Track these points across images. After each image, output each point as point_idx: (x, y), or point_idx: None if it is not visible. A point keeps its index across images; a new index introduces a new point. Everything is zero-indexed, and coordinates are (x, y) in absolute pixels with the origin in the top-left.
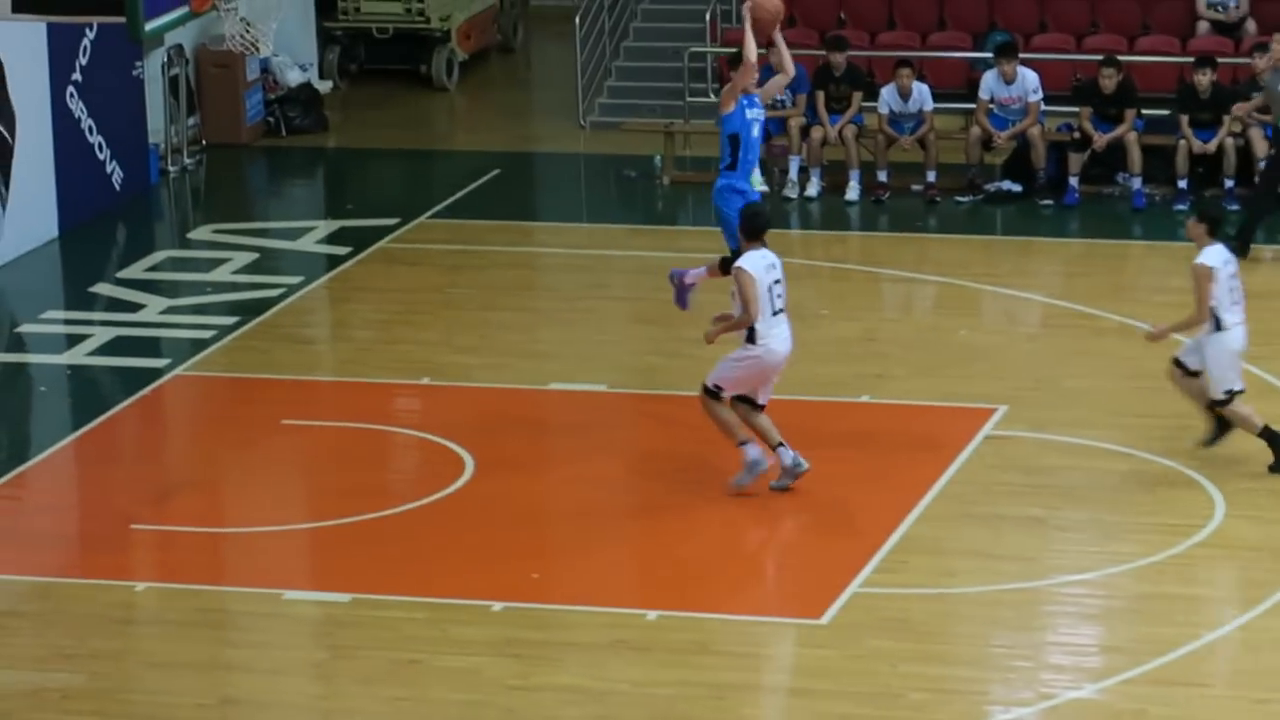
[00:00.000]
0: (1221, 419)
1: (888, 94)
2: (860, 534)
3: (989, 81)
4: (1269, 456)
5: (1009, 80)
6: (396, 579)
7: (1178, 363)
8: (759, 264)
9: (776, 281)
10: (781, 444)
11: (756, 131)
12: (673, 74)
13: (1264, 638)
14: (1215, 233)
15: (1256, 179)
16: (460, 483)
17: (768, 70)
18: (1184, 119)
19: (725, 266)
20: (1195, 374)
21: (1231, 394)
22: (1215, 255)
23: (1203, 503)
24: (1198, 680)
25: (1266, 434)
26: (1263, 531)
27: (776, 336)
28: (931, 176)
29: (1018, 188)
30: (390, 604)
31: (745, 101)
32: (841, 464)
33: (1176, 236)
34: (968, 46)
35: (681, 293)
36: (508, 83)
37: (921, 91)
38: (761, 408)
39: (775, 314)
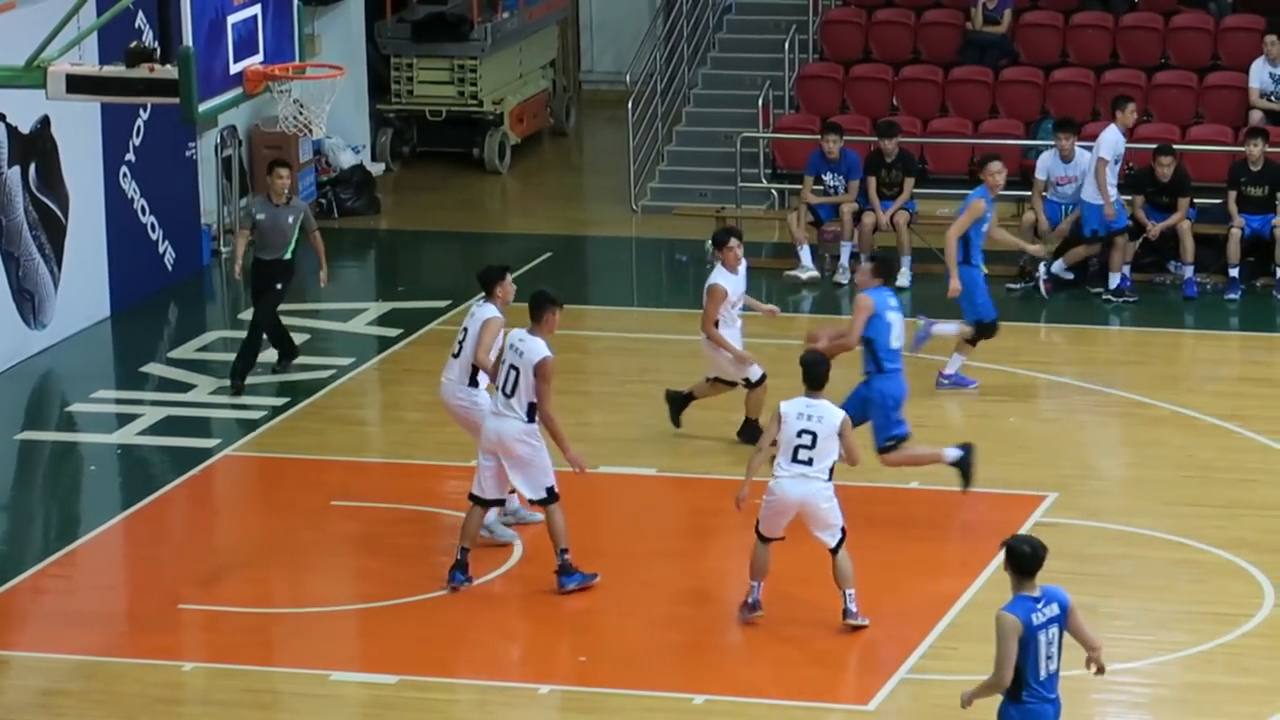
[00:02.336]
0: None
1: (1048, 158)
2: (909, 620)
3: (1046, 161)
4: None
5: (1066, 158)
6: (444, 661)
7: None
8: (795, 407)
9: (806, 431)
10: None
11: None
12: (725, 159)
13: None
14: None
15: None
16: (509, 565)
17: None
18: (1232, 195)
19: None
20: None
21: None
22: None
23: (1252, 591)
24: None
25: None
26: None
27: (788, 480)
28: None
29: (1071, 275)
30: (437, 686)
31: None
32: (890, 550)
33: (1228, 326)
34: (1020, 134)
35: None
36: (560, 166)
37: (1084, 159)
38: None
39: (795, 461)
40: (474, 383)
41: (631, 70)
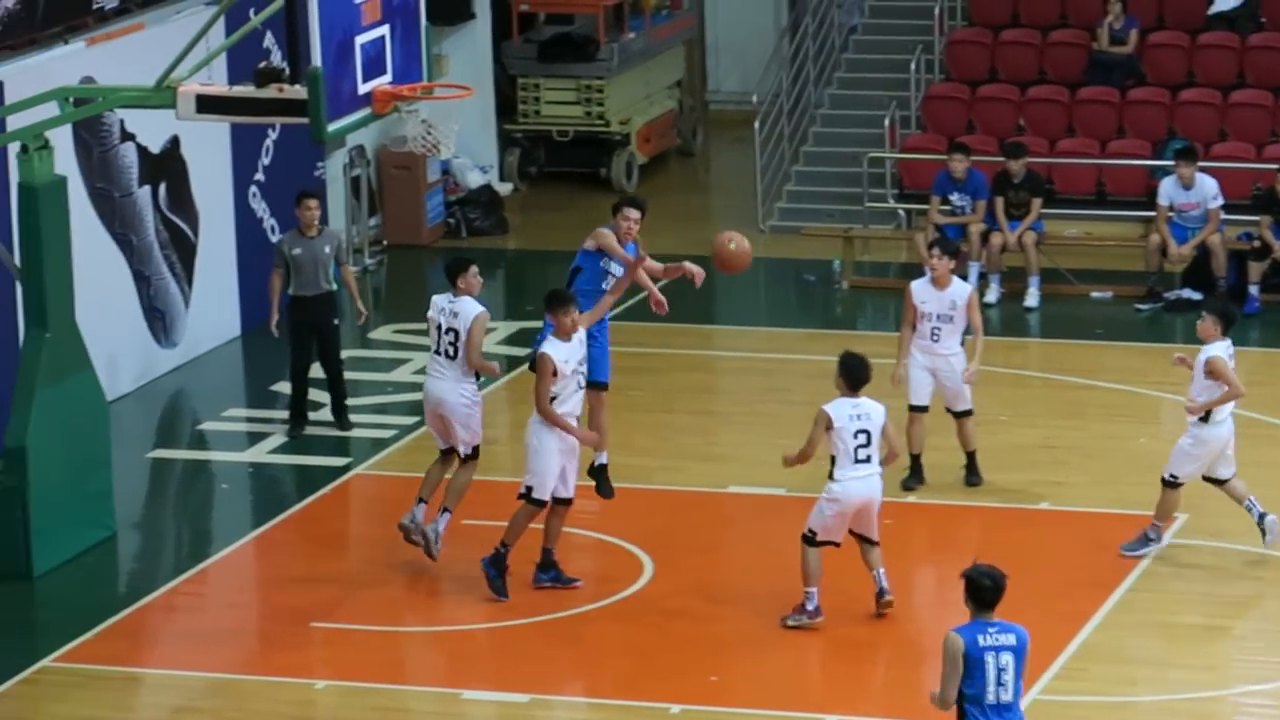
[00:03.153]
0: None
1: (1169, 185)
2: (1039, 641)
3: (1167, 187)
4: None
5: (1187, 185)
6: (575, 680)
7: None
8: (843, 410)
9: (862, 431)
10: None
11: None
12: (852, 179)
13: None
14: (1228, 331)
15: None
16: (639, 585)
17: None
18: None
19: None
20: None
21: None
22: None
23: None
24: None
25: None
26: None
27: (854, 480)
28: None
29: (1198, 296)
30: (568, 705)
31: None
32: (1020, 571)
33: None
34: (1147, 154)
35: None
36: (686, 186)
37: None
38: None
39: (858, 462)
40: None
41: (758, 90)
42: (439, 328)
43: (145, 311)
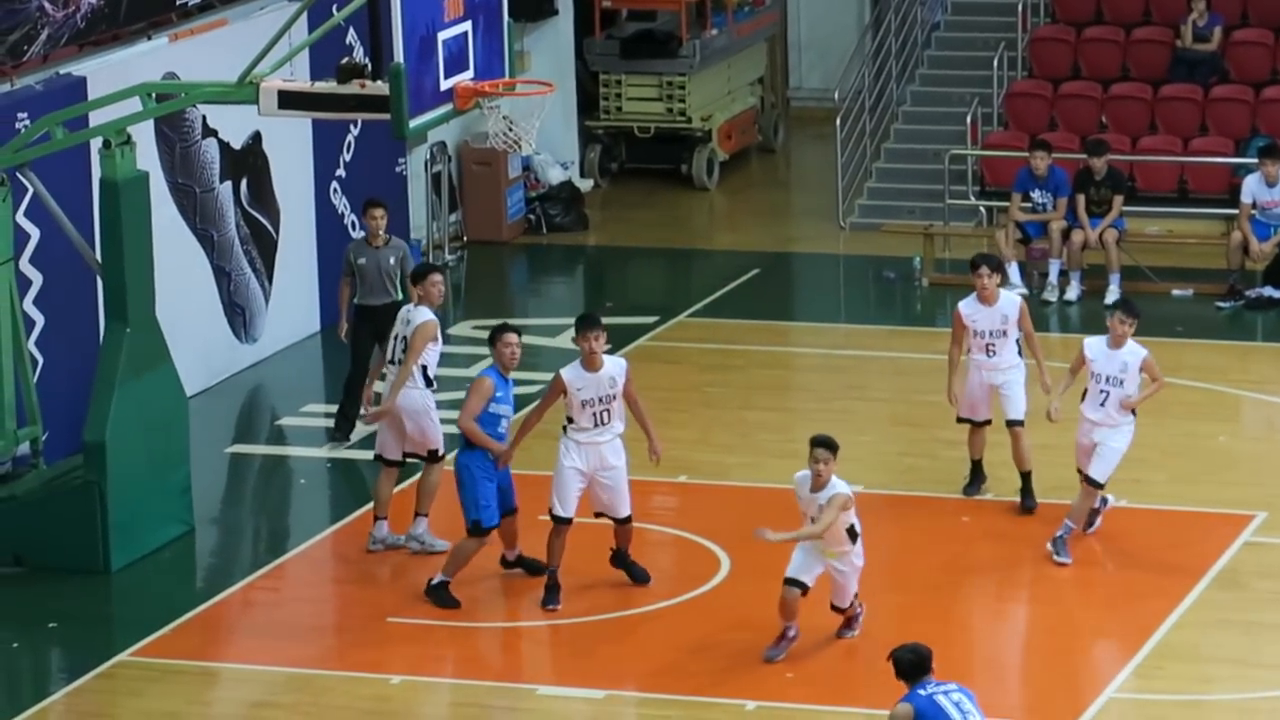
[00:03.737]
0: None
1: (1253, 182)
2: (1116, 639)
3: (1251, 185)
4: None
5: (1271, 182)
6: (651, 676)
7: None
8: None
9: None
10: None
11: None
12: (933, 176)
13: None
14: None
15: None
16: (716, 581)
17: None
18: None
19: None
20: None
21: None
22: None
23: None
24: None
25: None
26: None
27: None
28: None
29: (1279, 294)
30: (645, 701)
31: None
32: (1098, 568)
33: None
34: (1230, 152)
35: None
36: (768, 183)
37: None
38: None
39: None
40: (428, 383)
41: (840, 87)
42: (394, 336)
43: (225, 307)
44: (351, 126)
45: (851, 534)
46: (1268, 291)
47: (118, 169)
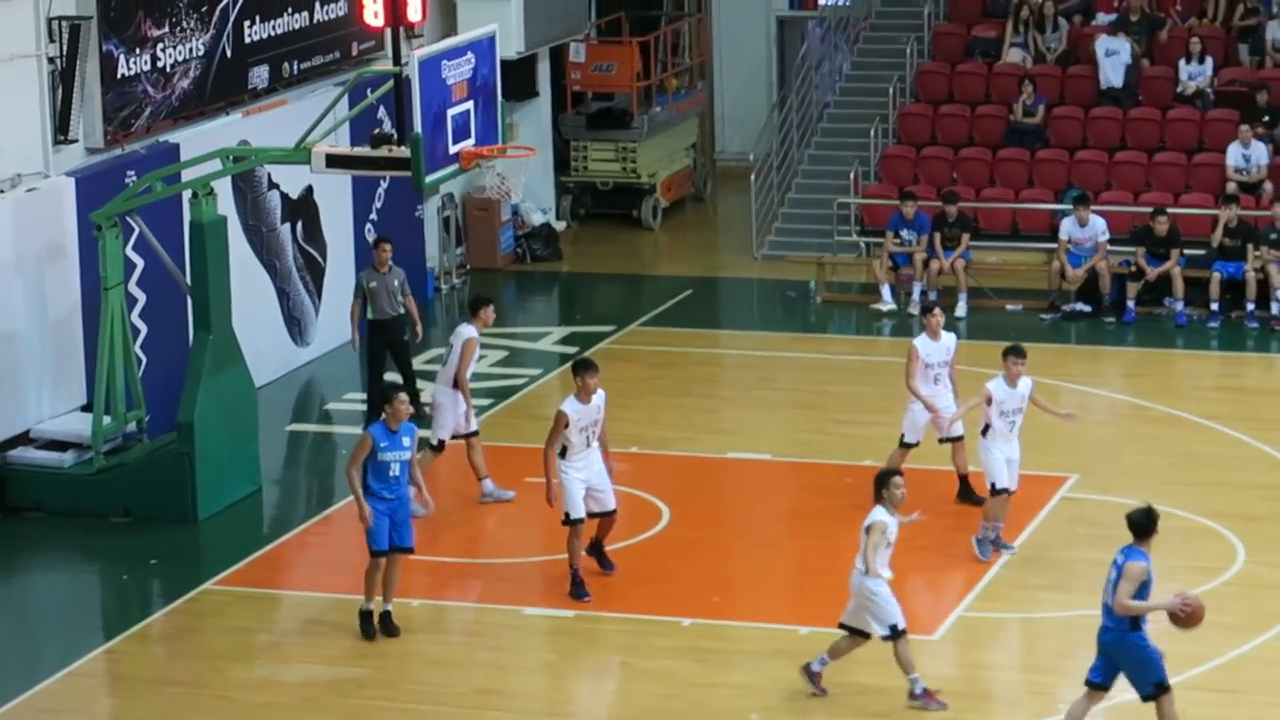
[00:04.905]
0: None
1: (1068, 223)
2: (965, 570)
3: (1067, 225)
4: (1277, 519)
5: (1082, 224)
6: (609, 600)
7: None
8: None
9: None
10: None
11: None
12: (825, 219)
13: (1275, 655)
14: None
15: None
16: (659, 528)
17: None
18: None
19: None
20: None
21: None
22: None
23: (1228, 551)
24: (1226, 688)
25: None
26: (1273, 574)
27: None
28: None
29: (1088, 308)
30: (604, 619)
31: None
32: (952, 517)
33: (1209, 347)
34: (1050, 200)
35: None
36: (699, 224)
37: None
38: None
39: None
40: (456, 385)
41: (755, 151)
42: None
43: (285, 319)
44: (381, 181)
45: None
46: (1079, 306)
47: (203, 213)
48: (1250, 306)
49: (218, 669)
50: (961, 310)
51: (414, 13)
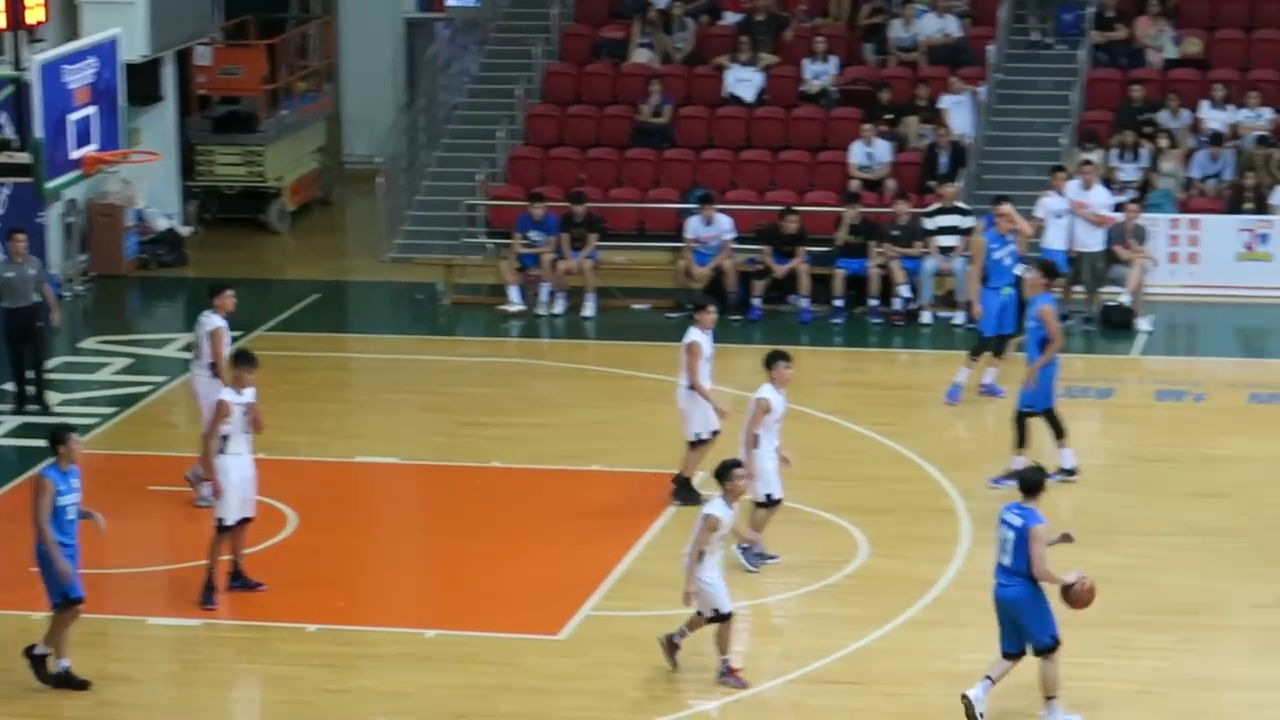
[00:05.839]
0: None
1: (694, 222)
2: (591, 569)
3: (693, 224)
4: (900, 513)
5: (709, 223)
6: (235, 608)
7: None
8: None
9: None
10: None
11: None
12: (453, 221)
13: (895, 647)
14: None
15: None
16: (285, 534)
17: None
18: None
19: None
20: None
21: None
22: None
23: (850, 544)
24: (849, 680)
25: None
26: (895, 566)
27: None
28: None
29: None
30: (230, 627)
31: None
32: (579, 517)
33: (833, 343)
34: (676, 199)
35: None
36: (327, 228)
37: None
38: None
39: None
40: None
41: (382, 153)
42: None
43: None
44: (4, 187)
45: None
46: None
47: None
48: (873, 303)
49: None
50: (590, 310)
51: (34, 15)
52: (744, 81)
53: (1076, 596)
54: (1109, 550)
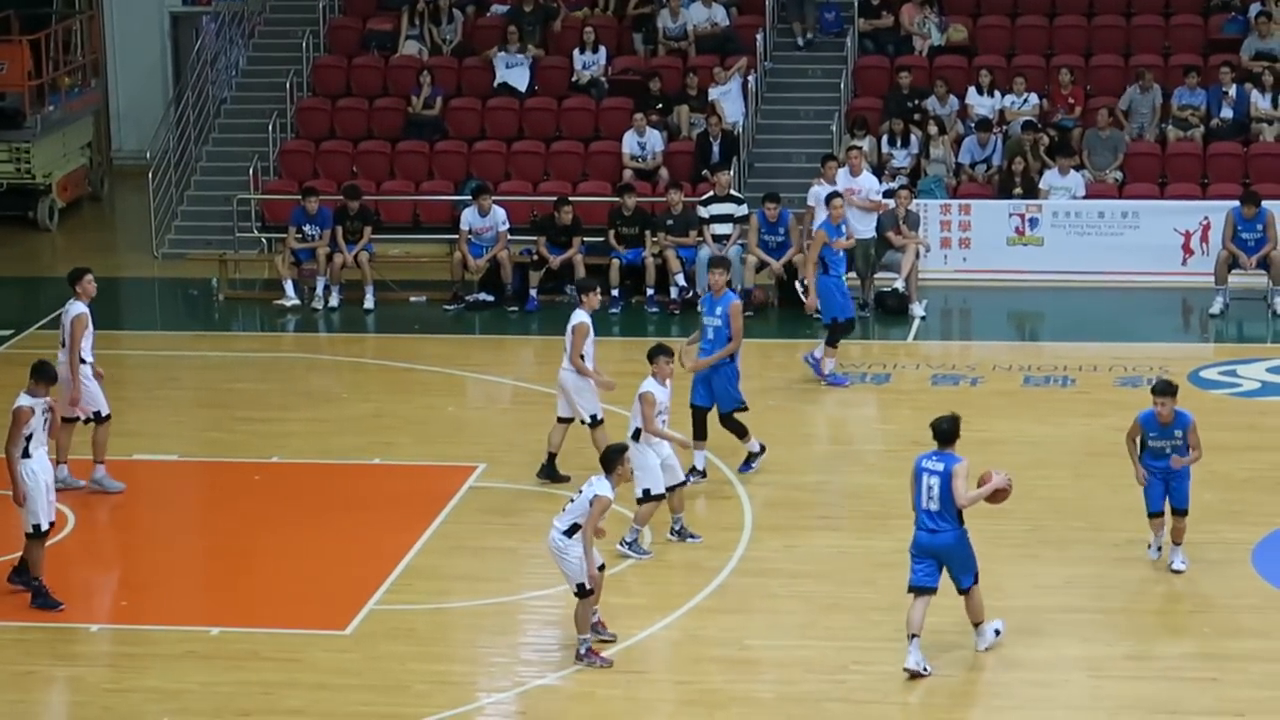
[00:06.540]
0: None
1: (469, 214)
2: (376, 564)
3: (468, 216)
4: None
5: (483, 214)
6: (11, 610)
7: None
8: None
9: None
10: None
11: None
12: (225, 215)
13: (681, 635)
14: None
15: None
16: (64, 535)
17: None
18: (611, 234)
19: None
20: None
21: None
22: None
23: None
24: (633, 668)
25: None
26: (681, 553)
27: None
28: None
29: (491, 298)
30: (11, 629)
31: None
32: (361, 511)
33: (612, 332)
34: (451, 191)
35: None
36: (97, 224)
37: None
38: None
39: None
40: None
41: (151, 148)
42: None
43: None
44: None
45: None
46: (482, 296)
47: None
48: (650, 292)
49: None
50: (369, 303)
51: None
52: (515, 67)
53: (1004, 494)
54: (888, 535)
